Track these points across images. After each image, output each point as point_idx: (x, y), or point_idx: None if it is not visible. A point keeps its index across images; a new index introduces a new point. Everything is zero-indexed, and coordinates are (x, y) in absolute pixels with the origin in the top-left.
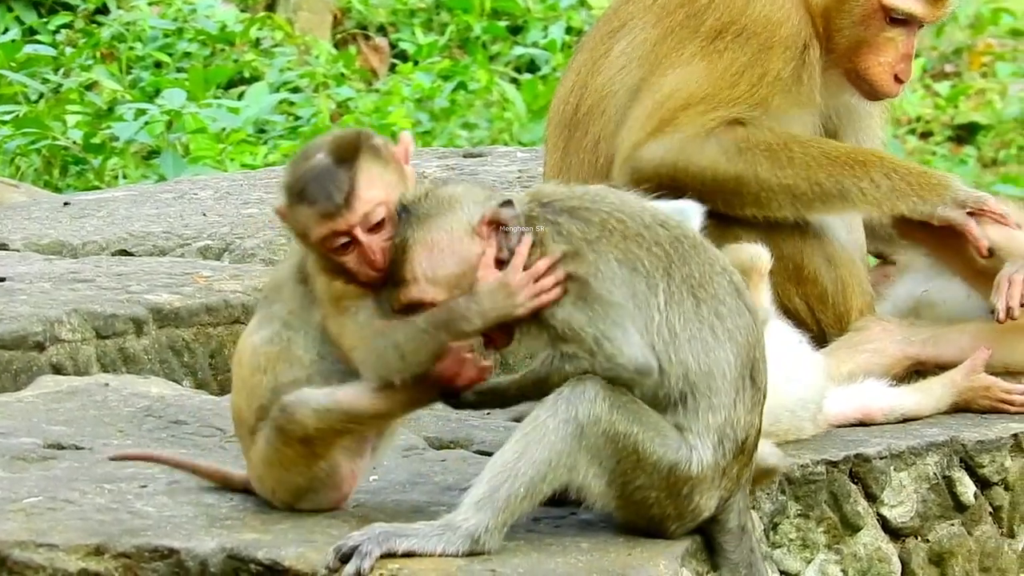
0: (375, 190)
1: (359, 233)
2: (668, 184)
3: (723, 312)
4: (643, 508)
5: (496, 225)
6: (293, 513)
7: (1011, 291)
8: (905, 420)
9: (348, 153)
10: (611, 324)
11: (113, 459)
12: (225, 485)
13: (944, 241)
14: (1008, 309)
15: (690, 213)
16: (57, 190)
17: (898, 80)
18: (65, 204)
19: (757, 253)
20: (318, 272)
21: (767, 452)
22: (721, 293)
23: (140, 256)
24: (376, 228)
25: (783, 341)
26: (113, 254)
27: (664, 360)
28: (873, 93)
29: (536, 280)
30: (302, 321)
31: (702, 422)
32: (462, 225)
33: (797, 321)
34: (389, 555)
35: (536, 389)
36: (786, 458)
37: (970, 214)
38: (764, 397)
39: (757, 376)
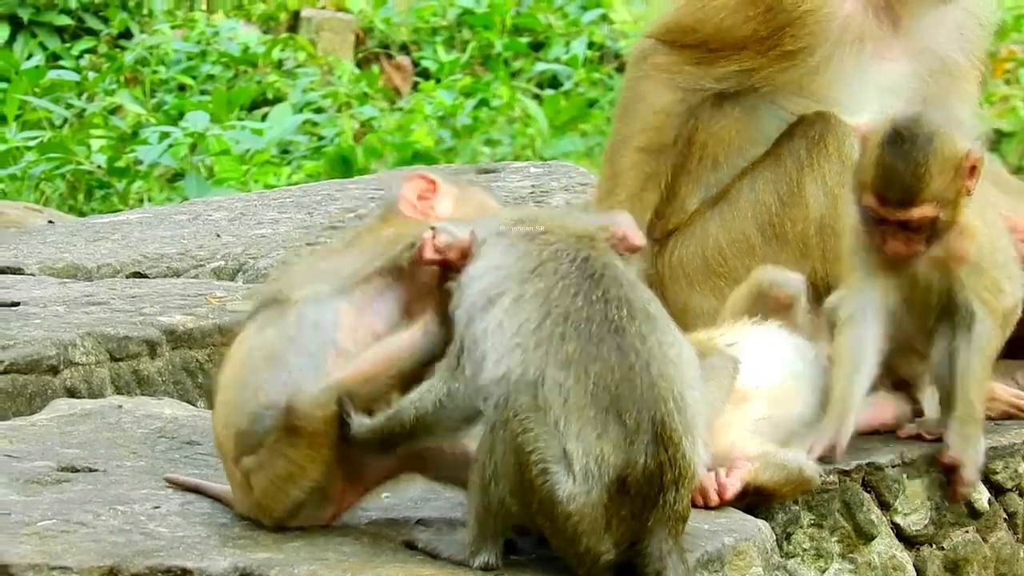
0: None
1: None
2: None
3: (570, 335)
4: (550, 540)
5: None
6: (305, 532)
7: None
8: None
9: None
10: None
11: (167, 480)
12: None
13: None
14: None
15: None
16: (81, 214)
17: None
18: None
19: (790, 280)
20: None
21: (803, 463)
22: (577, 317)
23: (154, 278)
24: None
25: (804, 356)
26: (127, 276)
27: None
28: None
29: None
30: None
31: (567, 448)
32: None
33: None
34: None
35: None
36: (819, 469)
37: None
38: (651, 442)
39: (626, 414)
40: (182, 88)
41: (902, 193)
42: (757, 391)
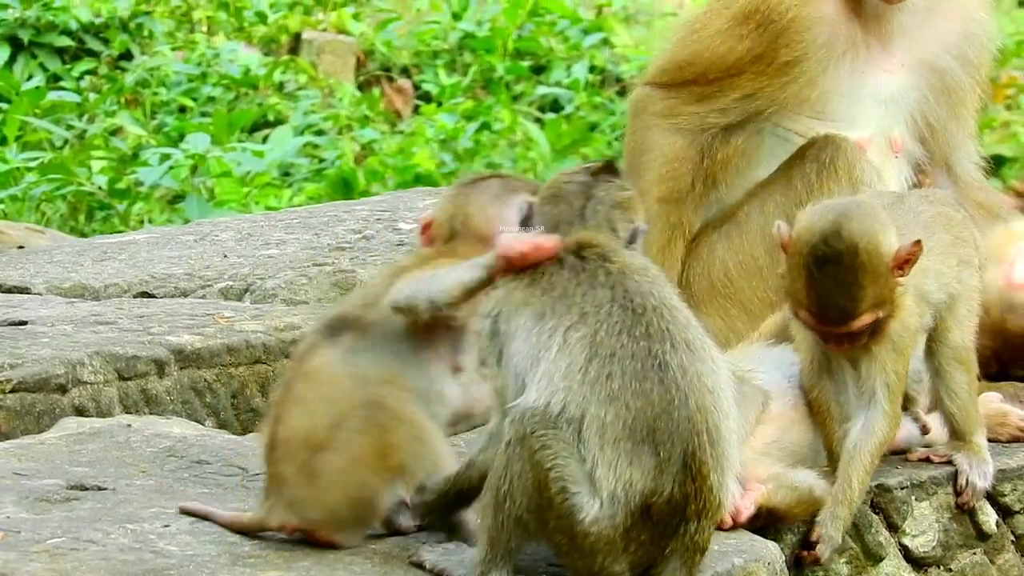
0: None
1: None
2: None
3: (615, 373)
4: (562, 556)
5: None
6: (315, 551)
7: None
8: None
9: None
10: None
11: (182, 511)
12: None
13: None
14: None
15: None
16: (83, 235)
17: None
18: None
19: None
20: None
21: (813, 484)
22: (623, 354)
23: (162, 298)
24: None
25: None
26: (135, 296)
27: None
28: None
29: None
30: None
31: (596, 474)
32: None
33: None
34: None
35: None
36: (829, 490)
37: None
38: (680, 472)
39: (660, 446)
40: (183, 110)
41: (840, 314)
42: (768, 415)
